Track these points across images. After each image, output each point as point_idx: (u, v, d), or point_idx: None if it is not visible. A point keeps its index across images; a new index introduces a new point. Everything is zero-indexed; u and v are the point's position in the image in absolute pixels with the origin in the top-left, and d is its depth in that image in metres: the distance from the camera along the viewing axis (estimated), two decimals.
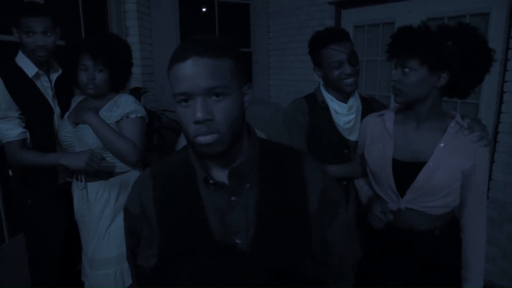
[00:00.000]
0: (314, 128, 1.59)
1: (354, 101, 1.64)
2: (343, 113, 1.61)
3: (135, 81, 3.27)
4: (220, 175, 0.81)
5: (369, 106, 1.68)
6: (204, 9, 4.02)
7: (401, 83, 1.24)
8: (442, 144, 1.25)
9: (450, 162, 1.24)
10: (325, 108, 1.62)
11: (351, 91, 1.58)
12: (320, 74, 1.62)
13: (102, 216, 1.68)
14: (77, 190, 1.70)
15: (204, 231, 0.79)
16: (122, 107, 1.65)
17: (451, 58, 1.18)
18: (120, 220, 1.67)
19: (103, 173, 1.67)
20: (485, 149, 1.26)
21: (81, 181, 1.66)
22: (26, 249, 1.81)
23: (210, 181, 0.80)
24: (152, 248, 0.84)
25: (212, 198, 0.80)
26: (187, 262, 0.78)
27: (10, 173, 1.77)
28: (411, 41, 1.20)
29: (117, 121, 1.64)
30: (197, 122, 0.70)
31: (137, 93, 2.96)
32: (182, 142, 2.72)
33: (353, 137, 1.62)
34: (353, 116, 1.62)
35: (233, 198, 0.80)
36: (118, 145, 1.58)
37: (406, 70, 1.22)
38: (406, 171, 1.29)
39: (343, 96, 1.62)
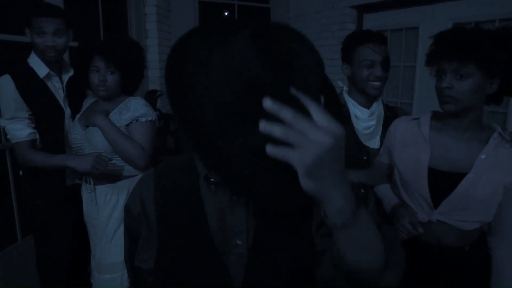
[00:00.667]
0: None
1: (377, 108, 1.59)
2: (363, 118, 1.56)
3: (153, 84, 3.28)
4: None
5: (393, 115, 1.61)
6: (224, 13, 4.01)
7: (454, 89, 1.16)
8: (483, 156, 1.19)
9: (491, 175, 1.18)
10: (346, 113, 1.57)
11: (375, 95, 1.54)
12: (348, 71, 1.58)
13: (110, 219, 1.66)
14: (86, 192, 1.70)
15: (202, 232, 0.76)
16: (132, 110, 1.63)
17: (505, 63, 1.12)
18: None
19: (111, 176, 1.65)
20: None
21: (90, 183, 1.64)
22: (35, 249, 1.81)
23: (211, 179, 0.76)
24: (150, 249, 0.81)
25: (212, 198, 0.77)
26: (185, 264, 0.76)
27: (21, 173, 1.78)
28: (468, 44, 1.11)
29: (127, 125, 1.62)
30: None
31: (153, 95, 2.97)
32: None
33: (372, 144, 1.56)
34: (373, 122, 1.56)
35: (234, 198, 0.76)
36: (126, 148, 1.56)
37: (460, 75, 1.15)
38: (442, 181, 1.22)
39: (366, 101, 1.57)
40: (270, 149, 0.50)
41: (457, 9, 2.66)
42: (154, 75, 3.29)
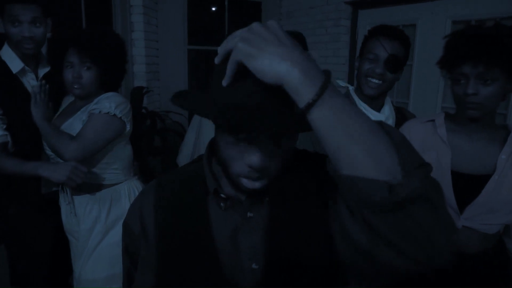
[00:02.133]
0: None
1: (390, 113, 1.46)
2: None
3: (139, 80, 3.12)
4: (233, 192, 0.68)
5: (402, 117, 1.51)
6: (214, 7, 3.86)
7: (479, 95, 1.10)
8: (503, 156, 1.16)
9: None
10: None
11: (368, 95, 1.41)
12: (356, 65, 1.47)
13: (92, 233, 1.52)
14: (64, 203, 1.55)
15: (209, 256, 0.65)
16: (93, 104, 1.46)
17: None
18: (113, 236, 1.52)
19: (91, 186, 1.50)
20: None
21: (67, 193, 1.49)
22: (8, 262, 1.65)
23: (221, 195, 0.66)
24: (149, 273, 0.71)
25: (222, 216, 0.67)
26: None
27: None
28: (495, 47, 1.06)
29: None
30: (250, 166, 0.60)
31: (139, 92, 2.81)
32: (184, 150, 2.57)
33: None
34: None
35: (249, 214, 0.67)
36: (50, 139, 1.39)
37: (485, 80, 1.09)
38: (466, 185, 1.17)
39: (375, 104, 1.44)
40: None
41: (456, 6, 2.58)
42: (140, 70, 3.13)
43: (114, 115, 1.45)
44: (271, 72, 0.49)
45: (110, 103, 1.45)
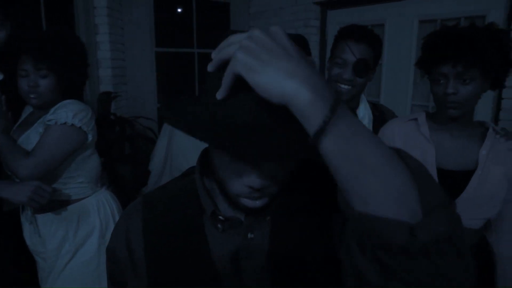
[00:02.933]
0: None
1: (366, 112, 1.44)
2: None
3: (105, 85, 2.99)
4: (231, 208, 0.63)
5: (380, 114, 1.50)
6: (181, 8, 3.77)
7: (459, 94, 1.12)
8: (484, 152, 1.19)
9: (495, 170, 1.17)
10: None
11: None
12: (328, 69, 1.44)
13: (60, 252, 1.41)
14: (26, 223, 1.43)
15: (211, 283, 0.60)
16: (49, 114, 1.36)
17: (498, 62, 1.11)
18: (83, 255, 1.42)
19: (54, 203, 1.39)
20: None
21: (28, 211, 1.38)
22: None
23: (220, 216, 0.61)
24: None
25: (220, 239, 0.61)
26: None
27: None
28: (474, 47, 1.07)
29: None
30: (249, 187, 0.55)
31: (106, 97, 2.69)
32: (156, 157, 2.48)
33: None
34: None
35: (250, 235, 0.62)
36: (4, 155, 1.28)
37: (464, 80, 1.11)
38: (451, 181, 1.18)
39: (350, 105, 1.42)
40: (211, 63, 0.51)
41: (423, 6, 2.63)
42: (106, 74, 3.00)
43: (72, 125, 1.34)
44: (276, 90, 0.42)
45: (67, 112, 1.34)
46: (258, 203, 0.57)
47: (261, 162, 0.54)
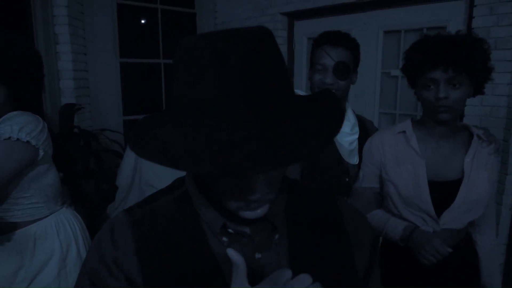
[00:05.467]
0: None
1: (355, 120, 1.45)
2: (345, 132, 1.39)
3: (67, 97, 2.85)
4: (238, 223, 0.61)
5: (361, 124, 1.50)
6: (146, 18, 3.69)
7: (449, 99, 1.15)
8: (468, 159, 1.23)
9: (480, 176, 1.21)
10: None
11: None
12: (309, 77, 1.43)
13: (14, 280, 1.28)
14: None
15: None
16: None
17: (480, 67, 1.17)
18: (40, 282, 1.30)
19: (4, 225, 1.27)
20: (497, 159, 1.29)
21: None
22: None
23: (229, 229, 0.58)
24: None
25: (226, 256, 0.56)
26: None
27: None
28: (463, 53, 1.11)
29: None
30: (248, 201, 0.54)
31: (69, 110, 2.57)
32: (124, 171, 2.38)
33: (353, 160, 1.42)
34: (356, 136, 1.42)
35: (258, 256, 0.59)
36: None
37: (453, 84, 1.15)
38: (441, 191, 1.21)
39: None
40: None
41: (387, 17, 2.70)
42: (67, 86, 2.86)
43: (18, 139, 1.20)
44: None
45: (12, 126, 1.20)
46: (259, 212, 0.56)
47: (257, 175, 0.51)
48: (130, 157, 2.45)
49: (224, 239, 0.59)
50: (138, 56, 3.50)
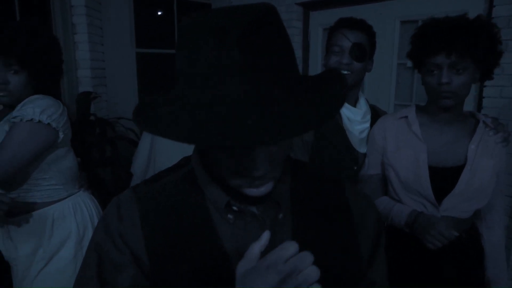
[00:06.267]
0: (321, 142, 1.36)
1: (366, 107, 1.45)
2: (356, 120, 1.40)
3: (84, 86, 2.90)
4: (242, 200, 0.61)
5: (375, 114, 1.50)
6: (162, 8, 3.71)
7: (453, 84, 1.13)
8: (472, 146, 1.19)
9: (484, 164, 1.19)
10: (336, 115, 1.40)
11: None
12: (324, 62, 1.44)
13: (33, 259, 1.33)
14: None
15: (228, 285, 0.56)
16: (16, 111, 1.27)
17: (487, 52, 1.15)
18: (58, 261, 1.34)
19: (25, 205, 1.31)
20: (504, 149, 1.26)
21: None
22: None
23: (234, 207, 0.58)
24: None
25: (231, 232, 0.58)
26: None
27: None
28: (468, 37, 1.08)
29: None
30: (252, 178, 0.54)
31: (85, 98, 2.61)
32: (139, 159, 2.42)
33: (363, 149, 1.42)
34: (367, 125, 1.42)
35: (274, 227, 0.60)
36: None
37: (457, 70, 1.12)
38: (442, 178, 1.19)
39: (348, 98, 1.42)
40: None
41: (404, 7, 2.66)
42: (85, 75, 2.92)
43: (40, 121, 1.25)
44: None
45: (33, 108, 1.25)
46: (262, 190, 0.56)
47: (258, 150, 0.51)
48: (145, 145, 2.49)
49: (230, 216, 0.59)
50: (154, 46, 3.54)
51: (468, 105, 2.36)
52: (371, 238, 0.67)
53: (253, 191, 0.56)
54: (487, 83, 2.22)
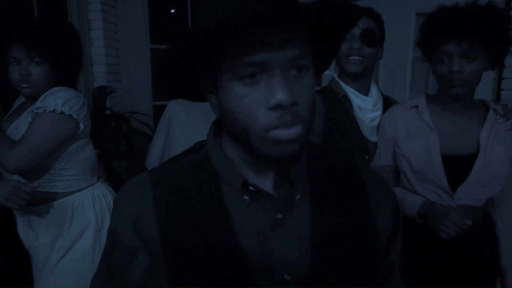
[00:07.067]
0: (332, 131, 1.35)
1: (378, 96, 1.44)
2: (367, 108, 1.39)
3: (99, 81, 2.94)
4: (258, 181, 0.59)
5: (389, 104, 1.49)
6: (176, 4, 3.74)
7: (464, 73, 1.12)
8: (484, 134, 1.20)
9: (497, 151, 1.18)
10: (346, 104, 1.39)
11: (352, 73, 1.39)
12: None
13: (53, 248, 1.35)
14: (18, 215, 1.38)
15: (238, 263, 0.55)
16: (38, 102, 1.29)
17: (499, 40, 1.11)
18: (77, 250, 1.36)
19: (46, 195, 1.34)
20: None
21: None
22: None
23: (250, 187, 0.56)
24: None
25: (246, 215, 0.57)
26: None
27: None
28: (479, 25, 1.07)
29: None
30: (277, 107, 0.49)
31: (102, 92, 2.65)
32: (153, 153, 2.44)
33: (375, 138, 1.41)
34: (379, 113, 1.41)
35: (278, 216, 0.58)
36: None
37: (468, 58, 1.11)
38: (456, 166, 1.18)
39: (361, 87, 1.41)
40: None
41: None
42: (100, 71, 2.95)
43: (62, 112, 1.27)
44: None
45: (56, 100, 1.27)
46: (292, 131, 0.51)
47: (281, 74, 0.50)
48: (159, 139, 2.52)
49: (245, 197, 0.58)
50: (168, 42, 3.56)
51: (486, 98, 2.32)
52: (389, 219, 0.65)
53: (283, 133, 0.50)
54: (505, 75, 2.18)
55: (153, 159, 2.38)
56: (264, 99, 0.50)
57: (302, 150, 0.55)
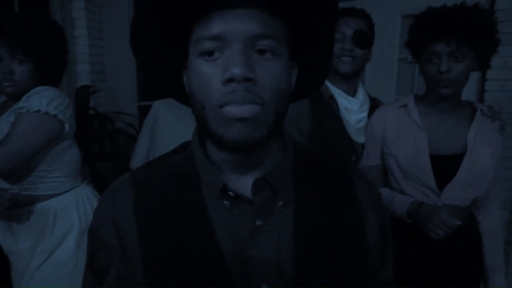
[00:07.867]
0: (318, 132, 1.35)
1: (364, 97, 1.44)
2: (354, 109, 1.39)
3: (83, 81, 2.88)
4: (239, 187, 0.57)
5: (376, 105, 1.50)
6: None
7: (452, 72, 1.13)
8: (471, 134, 1.22)
9: (483, 151, 1.20)
10: (332, 105, 1.38)
11: (343, 73, 1.38)
12: None
13: (34, 252, 1.31)
14: None
15: (217, 272, 0.53)
16: (21, 101, 1.25)
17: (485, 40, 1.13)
18: (60, 254, 1.32)
19: (28, 198, 1.30)
20: (500, 137, 1.28)
21: None
22: None
23: (230, 192, 0.54)
24: None
25: (225, 221, 0.55)
26: None
27: None
28: (466, 24, 1.09)
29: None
30: (230, 80, 0.48)
31: (85, 91, 2.59)
32: (138, 154, 2.40)
33: (361, 139, 1.41)
34: (365, 114, 1.42)
35: (258, 223, 0.55)
36: None
37: (456, 57, 1.13)
38: (443, 166, 1.20)
39: (349, 88, 1.41)
40: None
41: (405, 1, 2.65)
42: (84, 70, 2.90)
43: (47, 113, 1.24)
44: None
45: (40, 99, 1.24)
46: (246, 110, 0.49)
47: (239, 49, 0.49)
48: (144, 140, 2.47)
49: (226, 202, 0.56)
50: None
51: (470, 99, 2.35)
52: (377, 227, 0.63)
53: (236, 109, 0.49)
54: (489, 76, 2.21)
55: (138, 160, 2.33)
56: (220, 74, 0.50)
57: (265, 139, 0.52)
